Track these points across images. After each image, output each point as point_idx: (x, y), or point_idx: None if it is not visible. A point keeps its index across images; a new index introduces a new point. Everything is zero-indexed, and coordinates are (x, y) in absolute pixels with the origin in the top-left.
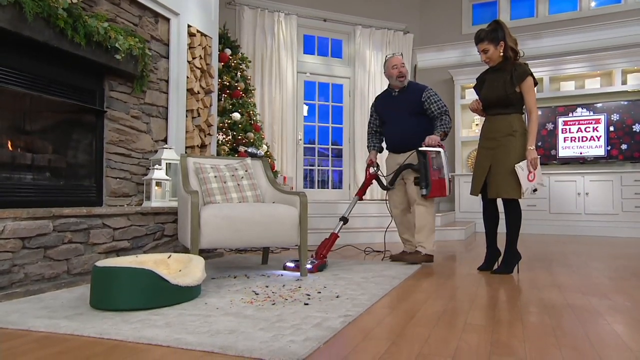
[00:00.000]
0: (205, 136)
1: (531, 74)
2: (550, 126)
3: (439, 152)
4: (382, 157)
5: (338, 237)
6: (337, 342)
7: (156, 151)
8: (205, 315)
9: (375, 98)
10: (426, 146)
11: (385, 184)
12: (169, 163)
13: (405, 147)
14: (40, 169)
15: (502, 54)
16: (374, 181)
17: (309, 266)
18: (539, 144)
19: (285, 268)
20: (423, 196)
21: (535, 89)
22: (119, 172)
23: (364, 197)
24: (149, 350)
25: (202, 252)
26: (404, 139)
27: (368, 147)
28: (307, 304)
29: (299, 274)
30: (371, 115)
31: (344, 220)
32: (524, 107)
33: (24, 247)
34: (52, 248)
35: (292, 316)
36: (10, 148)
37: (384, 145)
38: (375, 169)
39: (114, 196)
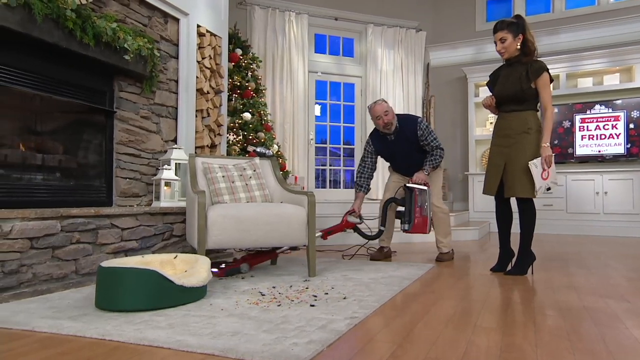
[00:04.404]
0: (215, 136)
1: (547, 70)
2: (567, 124)
3: (424, 190)
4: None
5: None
6: (342, 344)
7: (166, 151)
8: (209, 317)
9: (371, 136)
10: (413, 183)
11: (367, 235)
12: (179, 163)
13: (412, 173)
14: (51, 170)
15: (518, 47)
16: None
17: (215, 270)
18: (555, 142)
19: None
20: (405, 231)
21: (551, 85)
22: (128, 172)
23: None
24: (150, 352)
25: (212, 252)
26: (411, 168)
27: (356, 188)
28: (313, 306)
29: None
30: (366, 150)
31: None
32: (538, 104)
33: (32, 247)
34: (60, 248)
35: (297, 318)
36: (21, 149)
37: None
38: (358, 219)
39: (124, 196)
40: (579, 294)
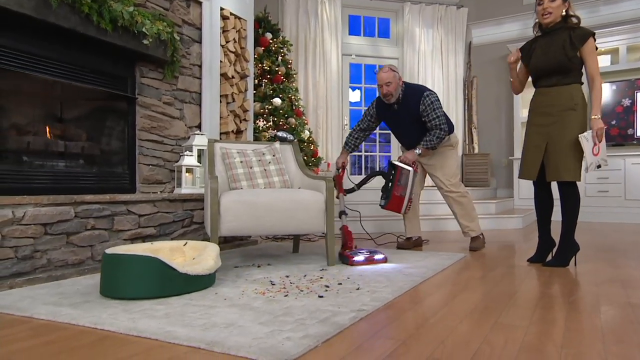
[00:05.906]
0: (240, 122)
1: (593, 35)
2: (626, 102)
3: (408, 170)
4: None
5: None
6: (339, 340)
7: (189, 137)
8: (209, 306)
9: (377, 100)
10: (401, 162)
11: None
12: (201, 149)
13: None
14: (73, 157)
15: (564, 13)
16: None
17: (361, 258)
18: (613, 122)
19: (354, 263)
20: (381, 206)
21: (610, 60)
22: (151, 159)
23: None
24: (137, 343)
25: (236, 240)
26: (413, 143)
27: (344, 145)
28: (321, 297)
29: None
30: (366, 115)
31: (344, 213)
32: (582, 77)
33: (46, 233)
34: (75, 234)
35: (300, 309)
36: (43, 136)
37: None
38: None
39: (147, 183)
40: (626, 289)
